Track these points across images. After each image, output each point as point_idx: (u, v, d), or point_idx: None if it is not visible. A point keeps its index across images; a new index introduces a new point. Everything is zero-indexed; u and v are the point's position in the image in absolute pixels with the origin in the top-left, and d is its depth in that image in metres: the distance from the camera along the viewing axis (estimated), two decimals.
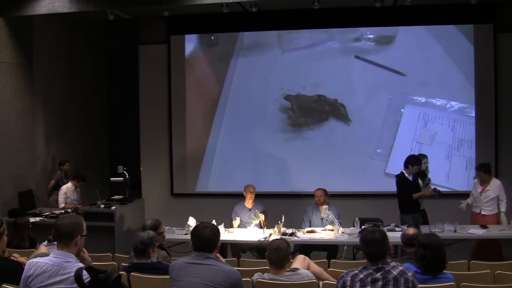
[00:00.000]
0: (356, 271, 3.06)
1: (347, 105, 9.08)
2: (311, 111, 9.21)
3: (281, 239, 4.38)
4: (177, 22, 9.39)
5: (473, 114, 8.75)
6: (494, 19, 8.66)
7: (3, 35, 7.70)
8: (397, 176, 7.01)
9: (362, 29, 9.02)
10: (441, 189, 7.20)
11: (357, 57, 9.01)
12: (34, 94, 8.37)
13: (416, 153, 7.92)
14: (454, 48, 8.74)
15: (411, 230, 4.47)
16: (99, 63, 10.26)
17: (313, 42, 9.15)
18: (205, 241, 3.34)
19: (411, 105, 8.92)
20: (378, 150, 9.01)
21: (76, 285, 2.87)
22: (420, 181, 6.93)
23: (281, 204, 8.21)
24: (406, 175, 6.86)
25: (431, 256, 3.54)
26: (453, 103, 8.80)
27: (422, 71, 8.87)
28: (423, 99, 8.88)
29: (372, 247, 3.07)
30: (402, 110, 8.95)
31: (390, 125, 8.95)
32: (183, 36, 9.55)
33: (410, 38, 8.92)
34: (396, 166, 8.72)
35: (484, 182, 6.78)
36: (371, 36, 9.03)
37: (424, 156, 7.20)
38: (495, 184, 6.77)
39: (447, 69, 8.78)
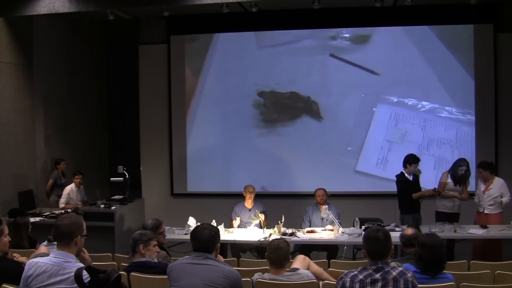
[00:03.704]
0: (356, 272, 3.05)
1: (320, 102, 9.11)
2: (284, 108, 9.24)
3: (281, 238, 4.39)
4: (177, 22, 9.39)
5: (443, 114, 8.83)
6: (494, 19, 8.66)
7: (3, 35, 7.70)
8: (397, 176, 7.00)
9: (339, 28, 9.05)
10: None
11: (332, 55, 9.04)
12: (34, 94, 8.37)
13: (386, 152, 7.92)
14: (428, 48, 8.78)
15: (409, 231, 4.49)
16: (99, 63, 10.26)
17: (289, 39, 9.17)
18: (204, 242, 3.34)
19: (383, 104, 8.98)
20: (349, 148, 9.06)
21: (76, 285, 2.87)
22: (453, 184, 6.90)
23: (281, 204, 8.21)
24: (406, 175, 6.86)
25: (428, 255, 3.55)
26: (424, 103, 8.87)
27: (396, 71, 8.94)
28: (395, 99, 8.95)
29: (374, 245, 3.08)
30: (374, 109, 9.01)
31: (361, 124, 9.01)
32: (183, 36, 9.55)
33: (385, 38, 8.96)
34: (366, 164, 8.94)
35: (486, 181, 6.77)
36: (347, 35, 9.07)
37: (464, 161, 6.98)
38: (498, 183, 6.73)
39: (420, 70, 8.83)
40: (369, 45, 8.97)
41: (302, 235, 6.47)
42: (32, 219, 6.38)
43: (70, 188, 8.05)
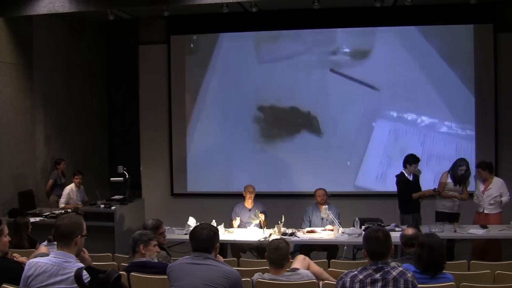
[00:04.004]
0: (356, 272, 3.05)
1: (320, 117, 9.12)
2: (283, 123, 9.25)
3: (280, 238, 4.38)
4: (177, 22, 9.40)
5: (443, 130, 8.86)
6: (494, 19, 8.66)
7: (3, 35, 7.70)
8: (397, 176, 7.00)
9: (339, 43, 9.08)
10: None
11: (332, 70, 9.05)
12: (34, 94, 8.37)
13: (385, 167, 8.32)
14: (428, 64, 8.77)
15: (409, 231, 4.48)
16: (99, 63, 10.27)
17: (290, 54, 9.17)
18: (203, 242, 3.34)
19: (382, 119, 9.00)
20: (348, 163, 9.08)
21: (76, 285, 2.87)
22: (453, 184, 6.88)
23: (281, 204, 8.21)
24: (406, 175, 6.85)
25: (427, 256, 3.54)
26: (423, 117, 8.89)
27: (395, 86, 8.94)
28: (394, 114, 8.98)
29: (375, 245, 3.07)
30: (373, 124, 9.02)
31: (361, 138, 9.02)
32: (183, 36, 9.56)
33: (385, 52, 8.95)
34: (365, 179, 8.97)
35: (485, 181, 6.77)
36: (347, 50, 9.10)
37: (464, 161, 6.97)
38: (497, 182, 6.74)
39: (420, 85, 8.83)
40: (369, 60, 8.98)
41: (302, 235, 6.46)
42: (32, 219, 6.38)
43: (70, 188, 8.07)
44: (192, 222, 6.68)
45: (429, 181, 7.69)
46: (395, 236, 5.36)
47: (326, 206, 6.79)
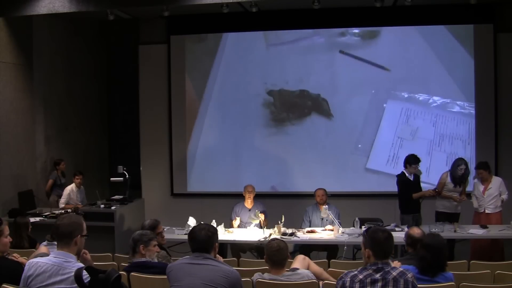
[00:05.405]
0: (356, 272, 3.05)
1: (329, 100, 9.08)
2: (293, 106, 9.21)
3: (277, 239, 4.36)
4: (177, 22, 9.40)
5: (455, 110, 8.78)
6: (494, 19, 8.66)
7: (3, 35, 7.70)
8: (397, 176, 7.01)
9: (341, 28, 9.01)
10: (421, 184, 7.11)
11: (341, 52, 9.00)
12: (34, 94, 8.37)
13: (397, 149, 8.04)
14: (438, 44, 8.75)
15: (416, 231, 4.36)
16: (99, 63, 10.26)
17: (298, 37, 9.13)
18: (201, 242, 3.34)
19: (393, 100, 8.93)
20: (359, 145, 9.01)
21: (76, 285, 2.87)
22: (453, 185, 6.88)
23: (281, 204, 8.21)
24: (407, 175, 6.85)
25: (431, 257, 3.53)
26: (435, 98, 8.81)
27: (405, 67, 8.89)
28: (405, 95, 8.90)
29: (383, 246, 3.07)
30: (384, 105, 8.96)
31: (372, 120, 8.96)
32: (183, 36, 9.56)
33: (394, 34, 8.93)
34: (377, 161, 8.88)
35: (485, 181, 6.78)
36: (356, 31, 9.04)
37: (462, 161, 6.94)
38: (496, 181, 6.77)
39: (430, 65, 8.79)
40: (378, 41, 8.93)
41: (302, 235, 6.46)
42: (32, 219, 6.38)
43: (71, 188, 8.06)
44: (192, 222, 6.67)
45: (442, 163, 7.55)
46: (395, 236, 5.37)
47: (326, 206, 6.79)
